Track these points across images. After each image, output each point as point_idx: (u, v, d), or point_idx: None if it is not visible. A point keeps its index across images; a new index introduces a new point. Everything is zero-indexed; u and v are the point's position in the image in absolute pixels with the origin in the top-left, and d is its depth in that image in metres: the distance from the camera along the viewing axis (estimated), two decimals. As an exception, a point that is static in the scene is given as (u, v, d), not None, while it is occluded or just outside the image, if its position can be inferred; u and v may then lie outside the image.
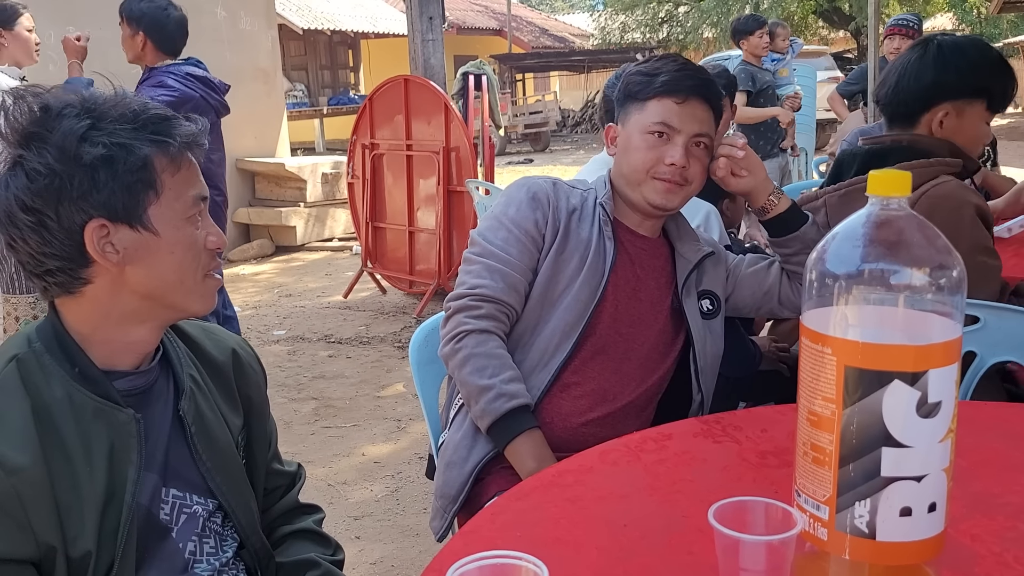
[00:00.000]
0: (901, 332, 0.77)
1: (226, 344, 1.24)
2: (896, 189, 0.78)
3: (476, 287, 1.53)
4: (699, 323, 1.62)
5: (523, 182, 1.64)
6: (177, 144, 1.03)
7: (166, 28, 3.15)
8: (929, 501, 0.78)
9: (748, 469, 1.18)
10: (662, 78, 1.56)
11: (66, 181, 0.98)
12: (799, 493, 0.84)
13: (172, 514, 1.10)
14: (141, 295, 1.05)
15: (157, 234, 1.03)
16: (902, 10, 21.49)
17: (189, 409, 1.12)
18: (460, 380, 1.50)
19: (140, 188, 1.01)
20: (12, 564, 0.95)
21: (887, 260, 0.77)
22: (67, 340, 1.04)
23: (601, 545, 1.00)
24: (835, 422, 0.78)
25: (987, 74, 1.78)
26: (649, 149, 1.54)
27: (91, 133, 0.99)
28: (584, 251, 1.57)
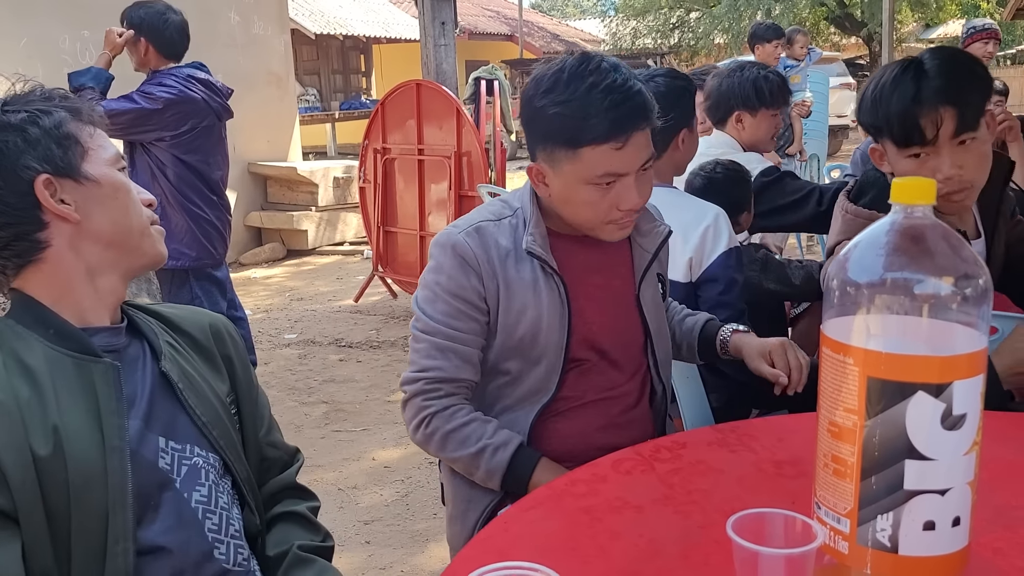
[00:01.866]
0: (925, 343, 0.75)
1: (201, 317, 1.29)
2: (920, 197, 0.76)
3: (428, 369, 1.45)
4: (655, 311, 1.56)
5: (445, 241, 1.46)
6: (85, 112, 1.14)
7: (164, 32, 3.16)
8: (953, 515, 0.76)
9: (764, 479, 1.17)
10: (594, 122, 1.32)
11: (1, 146, 1.05)
12: (819, 505, 0.83)
13: (173, 465, 1.12)
14: (103, 244, 1.11)
15: (98, 182, 1.10)
16: (914, 17, 21.43)
17: (172, 368, 1.16)
18: (449, 460, 1.49)
19: (68, 143, 1.09)
20: None
21: (911, 269, 0.76)
22: (38, 307, 1.08)
23: (615, 556, 0.98)
24: (857, 433, 0.77)
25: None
26: (598, 201, 1.38)
27: (9, 106, 1.09)
28: (535, 294, 1.45)
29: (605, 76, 1.33)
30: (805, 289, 2.36)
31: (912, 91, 1.48)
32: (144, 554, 1.05)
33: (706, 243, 1.95)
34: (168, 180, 3.08)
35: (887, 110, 1.52)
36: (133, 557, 1.02)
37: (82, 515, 1.00)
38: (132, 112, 2.96)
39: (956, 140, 1.49)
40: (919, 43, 23.35)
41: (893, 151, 1.56)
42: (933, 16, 21.10)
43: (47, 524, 0.98)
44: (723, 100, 2.71)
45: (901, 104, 1.49)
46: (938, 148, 1.50)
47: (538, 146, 1.41)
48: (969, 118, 1.48)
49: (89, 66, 3.12)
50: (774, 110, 2.73)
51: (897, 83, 1.50)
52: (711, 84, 2.75)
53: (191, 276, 3.23)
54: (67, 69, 5.87)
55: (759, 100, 2.69)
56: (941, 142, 1.49)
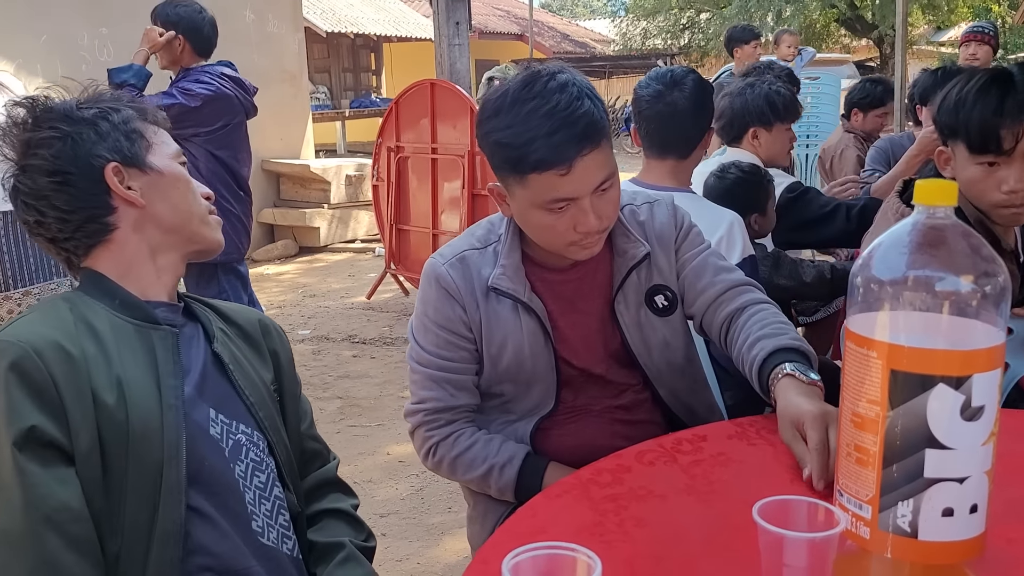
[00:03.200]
0: (946, 337, 0.79)
1: (251, 314, 1.37)
2: (942, 198, 0.80)
3: (425, 400, 1.48)
4: (637, 327, 1.51)
5: (430, 272, 1.47)
6: (149, 113, 1.25)
7: (202, 30, 3.22)
8: (971, 503, 0.80)
9: (784, 471, 1.20)
10: (535, 147, 1.27)
11: (77, 137, 1.16)
12: (841, 493, 0.86)
13: (222, 435, 1.17)
14: (164, 228, 1.21)
15: (161, 172, 1.21)
16: (925, 19, 21.38)
17: (224, 350, 1.24)
18: (462, 482, 1.54)
19: (135, 136, 1.20)
20: (52, 448, 1.01)
21: (933, 267, 0.80)
22: (105, 281, 1.18)
23: (641, 542, 1.02)
24: (879, 424, 0.81)
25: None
26: (554, 225, 1.34)
27: (81, 104, 1.20)
28: (514, 325, 1.45)
29: (547, 99, 1.27)
30: (815, 287, 2.39)
31: (997, 101, 1.52)
32: (191, 512, 1.10)
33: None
34: (200, 175, 3.13)
35: (968, 116, 1.55)
36: (184, 510, 1.07)
37: (138, 465, 1.06)
38: (174, 108, 3.02)
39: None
40: (930, 45, 23.31)
41: (964, 156, 1.59)
42: (945, 19, 21.06)
43: (102, 469, 1.04)
44: (737, 118, 2.70)
45: (984, 112, 1.53)
46: (1011, 160, 1.54)
47: (495, 170, 1.38)
48: None
49: (129, 63, 3.17)
50: (788, 123, 2.75)
51: (983, 91, 1.54)
52: (722, 104, 2.72)
53: (219, 270, 3.29)
54: (85, 65, 5.97)
55: (774, 115, 2.69)
56: (1016, 154, 1.53)
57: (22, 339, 1.04)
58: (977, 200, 1.60)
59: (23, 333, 1.05)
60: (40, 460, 1.00)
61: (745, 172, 2.37)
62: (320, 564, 1.27)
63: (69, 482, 1.01)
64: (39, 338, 1.05)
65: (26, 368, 1.02)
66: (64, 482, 1.01)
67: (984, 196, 1.58)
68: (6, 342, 1.04)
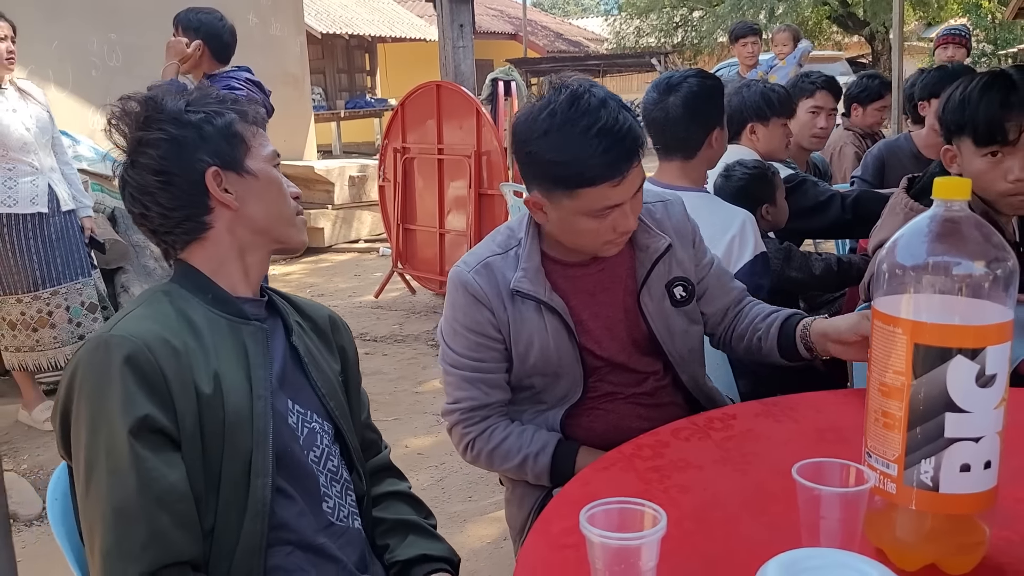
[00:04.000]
0: (962, 315, 0.90)
1: (321, 309, 1.46)
2: (958, 193, 0.91)
3: (461, 400, 1.57)
4: (661, 316, 1.62)
5: (457, 280, 1.56)
6: (251, 114, 1.31)
7: (222, 37, 3.31)
8: (985, 459, 0.91)
9: (809, 443, 1.32)
10: (591, 165, 1.37)
11: (182, 140, 1.23)
12: (870, 454, 0.98)
13: (297, 424, 1.28)
14: (254, 230, 1.28)
15: (256, 176, 1.27)
16: (916, 16, 21.55)
17: (300, 343, 1.33)
18: (500, 472, 1.64)
19: (235, 141, 1.26)
20: (162, 435, 1.11)
21: (950, 254, 0.91)
22: (198, 275, 1.27)
23: (685, 506, 1.13)
24: (904, 392, 0.92)
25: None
26: (597, 229, 1.45)
27: (189, 107, 1.26)
28: (539, 325, 1.55)
29: (595, 117, 1.36)
30: (824, 278, 2.51)
31: (1001, 96, 1.65)
32: (276, 492, 1.21)
33: (732, 251, 2.07)
34: None
35: (975, 111, 1.68)
36: (271, 492, 1.18)
37: (232, 450, 1.16)
38: None
39: None
40: (921, 42, 23.46)
41: (970, 150, 1.71)
42: (935, 15, 21.23)
43: (202, 454, 1.14)
44: (735, 115, 2.79)
45: (990, 107, 1.66)
46: (1015, 151, 1.66)
47: (535, 182, 1.45)
48: None
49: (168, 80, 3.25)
50: (784, 118, 2.85)
51: (987, 88, 1.67)
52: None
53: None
54: (95, 71, 6.06)
55: (770, 109, 2.80)
56: (1019, 146, 1.65)
57: (135, 335, 1.13)
58: (985, 191, 1.72)
59: (135, 329, 1.14)
60: (152, 446, 1.10)
61: (749, 168, 2.47)
62: (391, 537, 1.39)
63: (176, 466, 1.12)
64: (149, 334, 1.14)
65: (139, 362, 1.11)
66: (172, 466, 1.11)
67: (992, 186, 1.70)
68: (121, 337, 1.13)
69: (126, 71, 6.17)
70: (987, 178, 1.69)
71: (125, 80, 6.15)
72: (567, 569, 0.99)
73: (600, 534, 0.85)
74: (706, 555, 1.02)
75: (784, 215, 2.49)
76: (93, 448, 1.10)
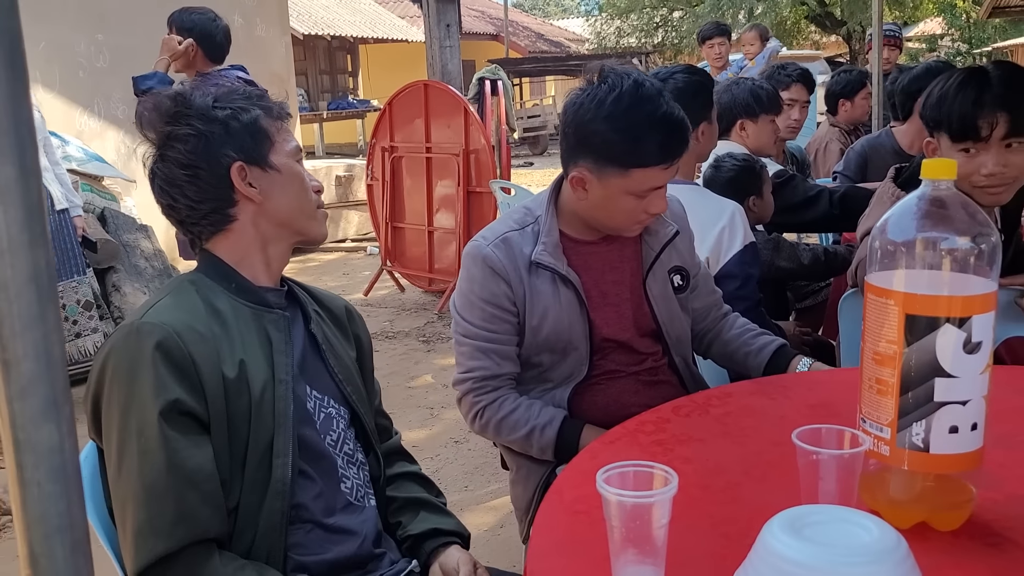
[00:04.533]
0: (950, 286, 0.97)
1: (338, 300, 1.51)
2: (945, 173, 0.98)
3: (473, 370, 1.63)
4: (664, 300, 1.70)
5: (476, 253, 1.63)
6: (275, 110, 1.34)
7: (215, 37, 3.35)
8: (972, 421, 0.98)
9: (803, 418, 1.37)
10: (651, 147, 1.48)
11: (209, 136, 1.26)
12: (864, 420, 1.04)
13: (315, 409, 1.33)
14: (276, 223, 1.32)
15: (279, 170, 1.30)
16: (892, 15, 21.80)
17: (318, 331, 1.38)
18: (505, 443, 1.69)
19: (260, 136, 1.29)
20: (191, 417, 1.17)
21: (938, 230, 0.98)
22: (223, 265, 1.31)
23: (690, 475, 1.19)
24: (896, 359, 0.99)
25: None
26: (634, 208, 1.55)
27: (216, 103, 1.29)
28: (554, 298, 1.62)
29: (657, 105, 1.49)
30: (812, 268, 2.58)
31: (974, 95, 1.72)
32: (297, 473, 1.26)
33: (722, 242, 2.14)
34: None
35: (950, 109, 1.75)
36: (292, 471, 1.23)
37: (256, 432, 1.21)
38: None
39: (1004, 142, 1.73)
40: (898, 41, 23.61)
41: (947, 144, 1.78)
42: (910, 15, 21.49)
43: (228, 435, 1.20)
44: (725, 112, 2.85)
45: (964, 105, 1.73)
46: (988, 146, 1.73)
47: (588, 159, 1.53)
48: (1020, 124, 1.72)
49: (153, 71, 3.29)
50: (772, 115, 2.93)
51: (962, 86, 1.74)
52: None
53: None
54: (83, 72, 6.06)
55: (759, 106, 2.87)
56: (992, 142, 1.72)
57: (165, 322, 1.18)
58: (960, 183, 1.79)
59: (165, 317, 1.19)
60: (181, 428, 1.15)
61: (739, 160, 2.54)
62: (403, 515, 1.44)
63: (204, 447, 1.17)
64: (178, 321, 1.19)
65: (170, 347, 1.15)
66: (200, 447, 1.16)
67: (967, 180, 1.77)
68: (152, 324, 1.17)
69: (113, 72, 6.17)
70: (963, 171, 1.76)
71: (112, 81, 6.16)
72: (581, 530, 1.05)
73: (617, 492, 0.91)
74: (713, 517, 1.08)
75: (769, 209, 2.56)
76: (125, 430, 1.15)
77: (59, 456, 0.54)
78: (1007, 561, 0.96)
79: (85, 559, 0.57)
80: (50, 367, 0.53)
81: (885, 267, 1.00)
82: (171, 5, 3.49)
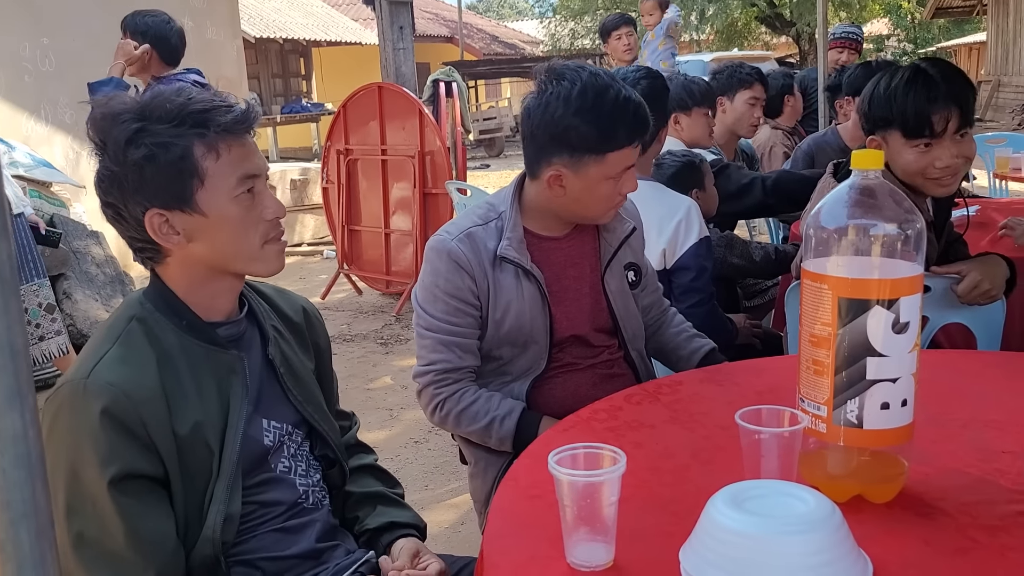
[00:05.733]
0: (879, 270, 1.02)
1: (297, 302, 1.47)
2: (872, 163, 1.03)
3: (435, 362, 1.66)
4: (621, 295, 1.76)
5: (440, 247, 1.66)
6: (212, 133, 1.18)
7: (170, 40, 3.33)
8: (902, 398, 1.04)
9: (749, 403, 1.39)
10: (623, 130, 1.57)
11: (122, 179, 1.17)
12: (803, 399, 1.09)
13: (274, 441, 1.32)
14: (207, 265, 1.24)
15: (206, 215, 1.19)
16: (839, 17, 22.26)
17: (276, 353, 1.34)
18: (465, 434, 1.72)
19: (184, 177, 1.17)
20: (145, 479, 1.16)
21: (867, 217, 1.03)
22: (172, 298, 1.24)
23: (640, 459, 1.23)
24: (831, 340, 1.04)
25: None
26: (610, 192, 1.61)
27: (136, 136, 1.16)
28: (517, 292, 1.65)
29: (618, 90, 1.57)
30: (763, 265, 2.66)
31: (926, 92, 1.78)
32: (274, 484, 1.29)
33: (679, 235, 2.22)
34: None
35: (903, 107, 1.80)
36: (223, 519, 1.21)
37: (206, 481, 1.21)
38: None
39: (957, 134, 1.80)
40: (844, 41, 24.12)
41: (900, 142, 1.83)
42: (857, 15, 21.96)
43: (183, 486, 1.19)
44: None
45: (918, 103, 1.78)
46: (942, 140, 1.79)
47: (563, 155, 1.58)
48: (969, 116, 1.80)
49: (109, 77, 3.26)
50: (705, 108, 3.00)
51: (911, 84, 1.79)
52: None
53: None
54: (28, 76, 5.95)
55: (691, 100, 2.95)
56: (946, 135, 1.79)
57: (113, 382, 1.14)
58: (913, 177, 1.85)
59: (113, 375, 1.14)
60: (135, 492, 1.14)
61: (678, 156, 2.60)
62: (360, 509, 1.45)
63: (161, 506, 1.17)
64: (127, 380, 1.14)
65: (117, 412, 1.12)
66: (158, 507, 1.17)
67: (922, 174, 1.83)
68: (99, 385, 1.13)
69: (59, 76, 6.07)
70: (917, 166, 1.83)
71: (59, 85, 6.07)
72: (536, 513, 1.09)
73: (568, 473, 0.95)
74: (662, 497, 1.12)
75: (714, 202, 2.62)
76: (77, 495, 1.14)
77: (23, 444, 0.56)
78: (936, 529, 1.02)
79: (50, 544, 0.59)
80: (13, 357, 0.55)
81: (819, 254, 1.06)
82: (118, 8, 3.46)
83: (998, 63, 16.95)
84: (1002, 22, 16.70)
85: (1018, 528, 1.01)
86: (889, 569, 0.92)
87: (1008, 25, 16.44)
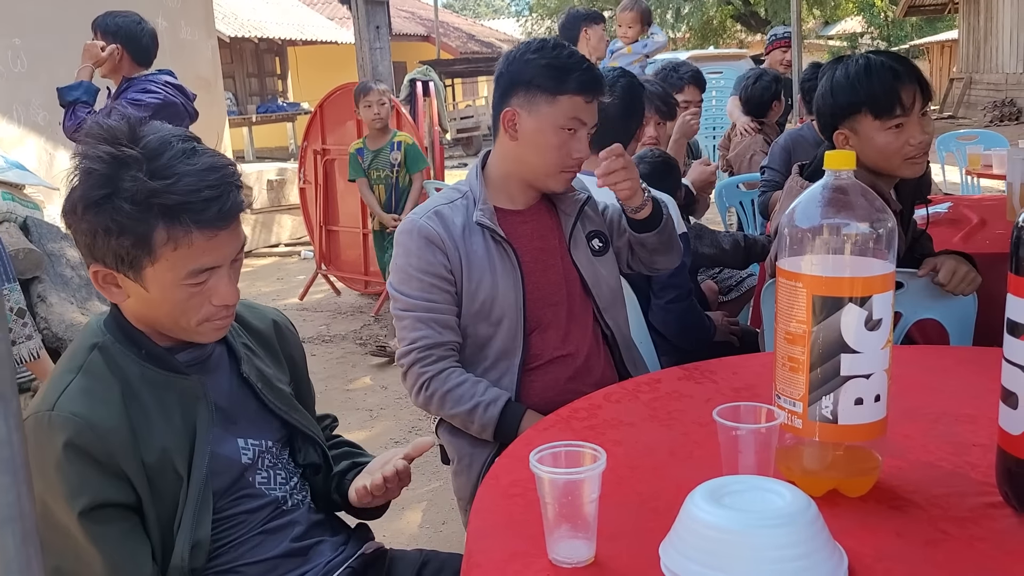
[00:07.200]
0: (852, 268, 1.04)
1: (266, 315, 1.46)
2: (845, 163, 1.05)
3: (416, 340, 1.68)
4: (589, 264, 1.80)
5: (410, 228, 1.70)
6: (185, 226, 1.14)
7: (141, 40, 3.31)
8: (875, 393, 1.06)
9: (727, 400, 1.42)
10: (576, 76, 1.66)
11: (74, 229, 1.18)
12: (779, 396, 1.11)
13: (253, 458, 1.32)
14: (149, 321, 1.24)
15: (147, 291, 1.18)
16: (813, 15, 22.47)
17: (250, 370, 1.34)
18: (448, 416, 1.72)
19: (136, 255, 1.15)
20: (117, 507, 1.17)
21: (840, 216, 1.05)
22: (129, 328, 1.24)
23: (620, 456, 1.25)
24: (806, 338, 1.06)
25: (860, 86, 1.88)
26: (561, 146, 1.68)
27: (101, 204, 1.13)
28: (490, 265, 1.69)
29: (572, 51, 1.70)
30: (732, 254, 2.71)
31: (891, 73, 1.84)
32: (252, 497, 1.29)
33: None
34: None
35: (870, 88, 1.85)
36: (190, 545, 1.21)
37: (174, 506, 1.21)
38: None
39: (921, 111, 1.87)
40: (819, 39, 24.41)
41: (871, 126, 1.87)
42: (831, 14, 22.16)
43: (155, 512, 1.20)
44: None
45: (885, 83, 1.84)
46: (911, 118, 1.85)
47: (519, 94, 1.69)
48: (928, 94, 1.89)
49: (79, 81, 3.22)
50: (659, 118, 2.91)
51: (872, 69, 1.85)
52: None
53: None
54: (0, 78, 5.87)
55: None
56: (914, 112, 1.85)
57: (77, 413, 1.13)
58: (888, 160, 1.89)
59: (76, 407, 1.14)
60: (106, 520, 1.15)
61: (657, 158, 2.63)
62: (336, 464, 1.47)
63: (135, 533, 1.18)
64: (91, 411, 1.14)
65: (82, 443, 1.12)
66: (132, 535, 1.17)
67: (899, 154, 1.87)
68: (63, 417, 1.13)
69: (32, 77, 6.01)
70: (892, 147, 1.87)
71: (31, 86, 6.00)
72: (518, 511, 1.10)
73: (549, 471, 0.96)
74: (641, 494, 1.14)
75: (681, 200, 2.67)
76: (49, 529, 1.15)
77: (8, 448, 0.56)
78: (909, 521, 1.04)
79: (35, 550, 0.59)
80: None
81: (794, 252, 1.07)
82: (91, 8, 3.43)
83: (970, 60, 17.18)
84: (974, 20, 16.92)
85: (987, 519, 1.03)
86: (863, 561, 0.94)
87: (979, 23, 16.65)
